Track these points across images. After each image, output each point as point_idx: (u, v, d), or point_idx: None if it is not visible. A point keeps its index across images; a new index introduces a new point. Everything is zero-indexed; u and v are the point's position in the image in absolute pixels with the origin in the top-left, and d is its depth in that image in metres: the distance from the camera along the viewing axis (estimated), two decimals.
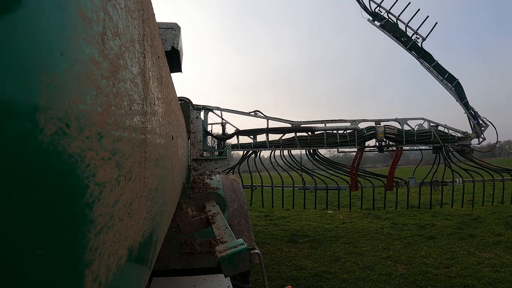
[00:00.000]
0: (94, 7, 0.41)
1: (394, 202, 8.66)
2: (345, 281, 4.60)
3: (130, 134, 0.57)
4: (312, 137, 8.22)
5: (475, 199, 8.27)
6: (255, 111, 8.35)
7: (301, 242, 6.90)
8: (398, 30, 8.70)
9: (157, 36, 1.07)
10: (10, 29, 0.27)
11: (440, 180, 8.22)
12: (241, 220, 3.00)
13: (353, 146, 8.16)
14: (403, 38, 8.60)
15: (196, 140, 4.32)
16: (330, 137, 8.13)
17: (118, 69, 0.50)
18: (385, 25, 8.80)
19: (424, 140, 8.00)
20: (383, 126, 8.09)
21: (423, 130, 8.11)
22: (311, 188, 8.34)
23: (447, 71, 8.34)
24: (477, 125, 7.92)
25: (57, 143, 0.33)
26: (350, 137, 8.14)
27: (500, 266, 4.90)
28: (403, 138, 7.98)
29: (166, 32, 3.17)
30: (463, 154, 8.03)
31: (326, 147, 8.16)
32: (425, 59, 8.53)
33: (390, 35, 8.77)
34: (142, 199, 0.70)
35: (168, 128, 1.21)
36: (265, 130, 8.23)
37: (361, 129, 8.16)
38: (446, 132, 8.06)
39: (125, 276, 0.59)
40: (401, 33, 8.65)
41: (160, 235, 1.21)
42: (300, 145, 8.12)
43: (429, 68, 8.50)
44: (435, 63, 8.40)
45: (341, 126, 8.29)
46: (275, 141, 8.24)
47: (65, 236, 0.36)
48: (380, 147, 8.25)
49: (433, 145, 8.01)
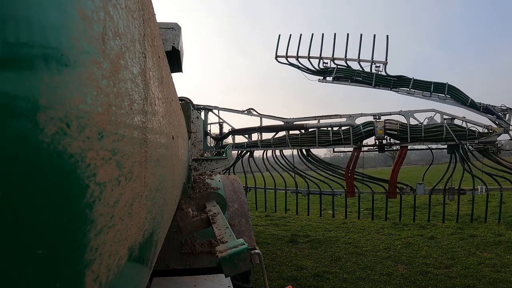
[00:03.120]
0: (95, 7, 0.41)
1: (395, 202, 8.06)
2: (346, 281, 4.60)
3: (130, 134, 0.57)
4: (303, 136, 7.42)
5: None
6: (248, 109, 8.11)
7: (301, 242, 6.89)
8: (354, 72, 7.59)
9: (158, 36, 1.07)
10: (10, 29, 0.27)
11: (457, 188, 6.71)
12: (242, 220, 2.99)
13: (348, 145, 7.15)
14: (363, 76, 7.48)
15: (197, 140, 4.32)
16: (322, 135, 7.27)
17: (118, 69, 0.50)
18: (338, 75, 7.73)
19: (434, 136, 6.49)
20: (383, 121, 6.83)
21: (433, 125, 6.58)
22: (304, 192, 7.74)
23: (430, 82, 7.01)
24: (499, 119, 6.39)
25: (58, 143, 0.33)
26: (345, 134, 7.12)
27: (501, 266, 4.90)
28: (408, 134, 6.58)
29: (167, 32, 3.17)
30: (487, 154, 6.35)
31: (318, 146, 7.30)
32: (398, 85, 7.30)
33: (348, 83, 7.69)
34: (142, 199, 0.70)
35: (169, 128, 1.21)
36: (257, 129, 7.82)
37: (357, 125, 7.10)
38: (464, 126, 6.48)
39: (125, 276, 0.59)
40: (357, 73, 7.55)
41: (161, 235, 1.21)
42: (291, 145, 7.44)
43: (409, 92, 7.17)
44: (412, 82, 7.11)
45: (334, 122, 7.33)
46: (266, 141, 7.75)
47: (65, 236, 0.36)
48: (381, 146, 7.03)
49: (447, 143, 6.49)
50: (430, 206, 7.49)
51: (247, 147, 7.88)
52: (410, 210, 9.84)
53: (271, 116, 8.03)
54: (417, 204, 10.45)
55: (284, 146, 7.55)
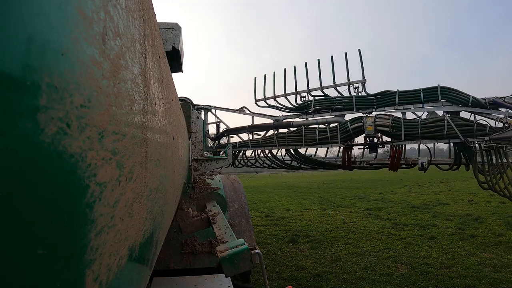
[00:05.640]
0: (95, 7, 0.41)
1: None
2: (346, 281, 4.60)
3: (131, 134, 0.57)
4: (289, 135, 7.00)
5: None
6: (241, 108, 8.05)
7: (302, 242, 6.89)
8: (332, 100, 6.84)
9: (158, 36, 1.07)
10: (11, 29, 0.27)
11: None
12: (242, 220, 2.99)
13: (335, 144, 6.48)
14: (344, 103, 6.65)
15: (197, 140, 4.32)
16: (309, 133, 6.74)
17: (119, 69, 0.50)
18: (318, 108, 6.95)
19: (433, 133, 5.52)
20: (373, 116, 6.03)
21: (432, 119, 5.63)
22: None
23: (418, 90, 6.02)
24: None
25: (58, 143, 0.33)
26: (332, 132, 6.43)
27: (501, 266, 4.89)
28: (402, 131, 5.71)
29: (167, 32, 3.17)
30: (500, 154, 5.04)
31: (305, 145, 6.82)
32: (383, 103, 6.35)
33: (330, 114, 6.86)
34: (143, 199, 0.70)
35: (169, 128, 1.21)
36: (247, 128, 7.65)
37: (344, 122, 6.42)
38: (471, 120, 5.40)
39: (125, 276, 0.59)
40: (336, 100, 6.78)
41: (161, 235, 1.21)
42: (278, 144, 7.11)
43: (396, 109, 6.17)
44: (397, 95, 6.15)
45: (321, 118, 6.79)
46: (256, 140, 7.58)
47: (65, 236, 0.36)
48: (373, 146, 6.22)
49: (449, 141, 5.49)
50: None
51: (239, 147, 7.76)
52: (410, 210, 9.85)
53: (262, 114, 7.94)
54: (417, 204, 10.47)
55: (273, 145, 7.26)
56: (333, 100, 6.84)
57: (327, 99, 6.99)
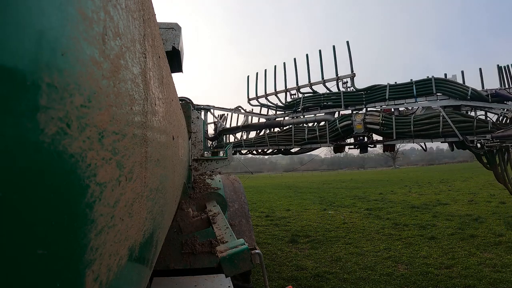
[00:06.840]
0: (95, 7, 0.41)
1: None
2: (346, 282, 4.60)
3: (131, 134, 0.57)
4: (280, 134, 6.82)
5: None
6: (236, 107, 8.03)
7: (302, 242, 6.89)
8: (321, 97, 6.50)
9: (158, 36, 1.07)
10: (11, 29, 0.27)
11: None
12: (242, 220, 3.00)
13: (324, 144, 6.14)
14: (333, 99, 6.25)
15: (197, 140, 4.32)
16: (298, 132, 6.50)
17: (119, 69, 0.50)
18: (307, 105, 6.63)
19: (427, 131, 4.96)
20: (362, 113, 5.55)
21: (425, 115, 5.05)
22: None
23: (411, 83, 5.37)
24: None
25: (58, 143, 0.33)
26: (321, 131, 6.09)
27: (501, 266, 4.89)
28: (393, 129, 5.24)
29: (167, 32, 3.17)
30: (502, 154, 4.38)
31: (295, 145, 6.60)
32: (373, 99, 5.77)
33: (320, 112, 6.50)
34: (143, 199, 0.70)
35: (169, 128, 1.21)
36: (240, 128, 7.58)
37: (333, 120, 6.04)
38: (471, 116, 4.79)
39: (126, 276, 0.59)
40: (325, 97, 6.39)
41: (161, 235, 1.21)
42: (270, 144, 6.97)
43: (387, 104, 5.55)
44: (388, 89, 5.57)
45: (309, 116, 6.53)
46: (249, 140, 7.52)
47: (66, 236, 0.36)
48: (363, 145, 5.76)
49: (446, 139, 4.92)
50: None
51: (234, 147, 7.69)
52: (411, 210, 9.85)
53: (255, 113, 7.90)
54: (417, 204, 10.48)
55: (265, 145, 7.16)
56: (321, 97, 6.51)
57: (316, 96, 6.67)
